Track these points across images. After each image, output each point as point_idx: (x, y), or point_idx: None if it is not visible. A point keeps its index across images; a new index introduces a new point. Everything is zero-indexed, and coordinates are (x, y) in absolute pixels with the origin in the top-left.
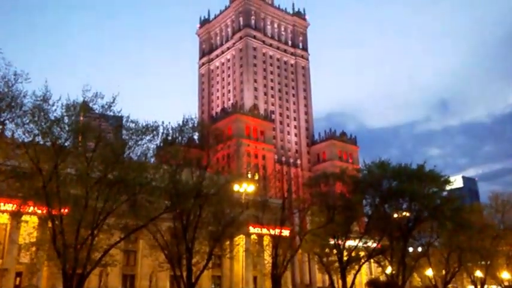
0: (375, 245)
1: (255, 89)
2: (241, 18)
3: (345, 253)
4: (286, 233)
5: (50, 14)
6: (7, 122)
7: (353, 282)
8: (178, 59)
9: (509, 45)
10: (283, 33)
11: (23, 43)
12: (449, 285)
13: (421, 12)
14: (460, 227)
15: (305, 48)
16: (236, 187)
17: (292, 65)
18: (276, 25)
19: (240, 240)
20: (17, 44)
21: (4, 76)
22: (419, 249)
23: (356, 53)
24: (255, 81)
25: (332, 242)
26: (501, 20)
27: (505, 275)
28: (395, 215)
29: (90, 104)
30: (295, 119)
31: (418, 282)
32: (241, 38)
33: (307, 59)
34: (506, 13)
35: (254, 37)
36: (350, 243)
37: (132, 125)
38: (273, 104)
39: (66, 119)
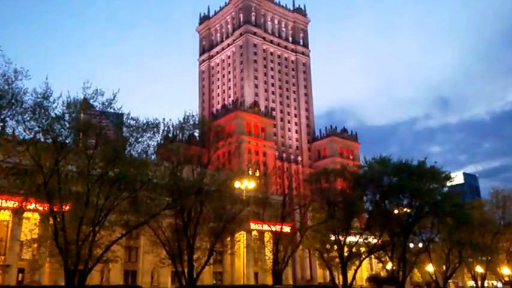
0: (375, 240)
1: (256, 86)
2: (241, 15)
3: (346, 249)
4: (287, 229)
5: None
6: (8, 119)
7: (354, 278)
8: (179, 56)
9: (509, 42)
10: (283, 29)
11: (22, 39)
12: (450, 281)
13: (422, 10)
14: (461, 223)
15: (306, 45)
16: (237, 184)
17: (292, 62)
18: (276, 21)
19: (241, 236)
20: (15, 40)
21: (4, 73)
22: (420, 245)
23: (356, 49)
24: (256, 78)
25: (333, 237)
26: (501, 17)
27: (505, 270)
28: (396, 211)
29: (91, 101)
30: (295, 116)
31: (418, 277)
32: (241, 34)
33: (308, 56)
34: (506, 11)
35: (254, 34)
36: (351, 239)
37: (133, 122)
38: (273, 101)
39: (66, 116)
